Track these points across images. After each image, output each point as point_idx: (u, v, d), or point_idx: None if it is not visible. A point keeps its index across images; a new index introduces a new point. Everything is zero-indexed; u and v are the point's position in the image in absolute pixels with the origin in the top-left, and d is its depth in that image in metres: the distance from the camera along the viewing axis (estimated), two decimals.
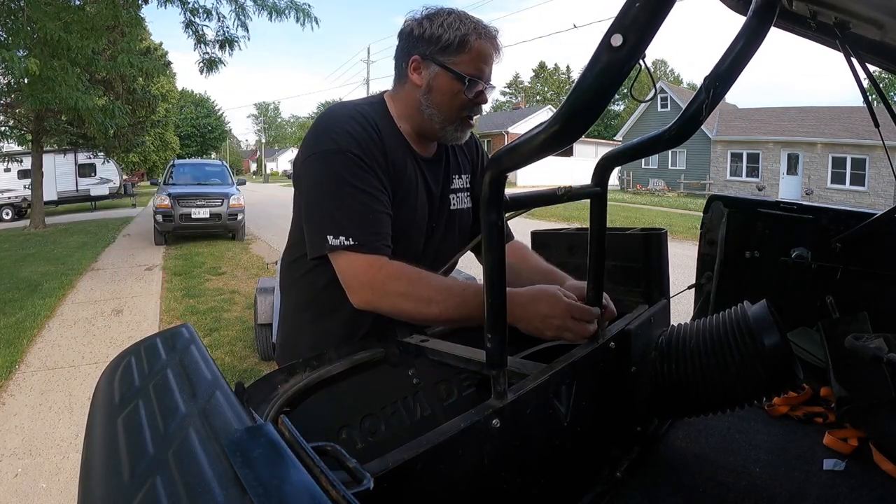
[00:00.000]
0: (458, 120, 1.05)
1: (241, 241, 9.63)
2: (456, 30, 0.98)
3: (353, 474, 0.49)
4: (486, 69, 1.02)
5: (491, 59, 1.03)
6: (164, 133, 29.73)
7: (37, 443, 2.72)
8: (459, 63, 1.00)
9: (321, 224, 0.96)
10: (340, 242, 0.93)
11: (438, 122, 1.04)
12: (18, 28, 5.76)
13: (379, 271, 0.94)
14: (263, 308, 3.52)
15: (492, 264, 0.71)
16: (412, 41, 1.02)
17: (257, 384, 0.86)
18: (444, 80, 1.01)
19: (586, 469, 0.96)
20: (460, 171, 1.19)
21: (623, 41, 0.53)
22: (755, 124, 21.70)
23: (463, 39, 0.98)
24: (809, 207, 1.65)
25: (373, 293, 0.95)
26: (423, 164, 1.11)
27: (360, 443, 0.96)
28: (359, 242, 0.93)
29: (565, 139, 0.61)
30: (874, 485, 1.02)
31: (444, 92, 1.02)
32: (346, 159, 0.96)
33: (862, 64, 1.19)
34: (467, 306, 0.92)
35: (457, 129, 1.07)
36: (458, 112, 1.04)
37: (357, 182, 0.95)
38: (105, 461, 0.50)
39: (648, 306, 1.17)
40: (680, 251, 5.80)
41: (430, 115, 1.04)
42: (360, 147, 0.97)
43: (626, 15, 0.53)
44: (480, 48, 1.00)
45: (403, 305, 0.94)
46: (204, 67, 7.17)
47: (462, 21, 1.00)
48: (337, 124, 0.99)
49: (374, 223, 0.96)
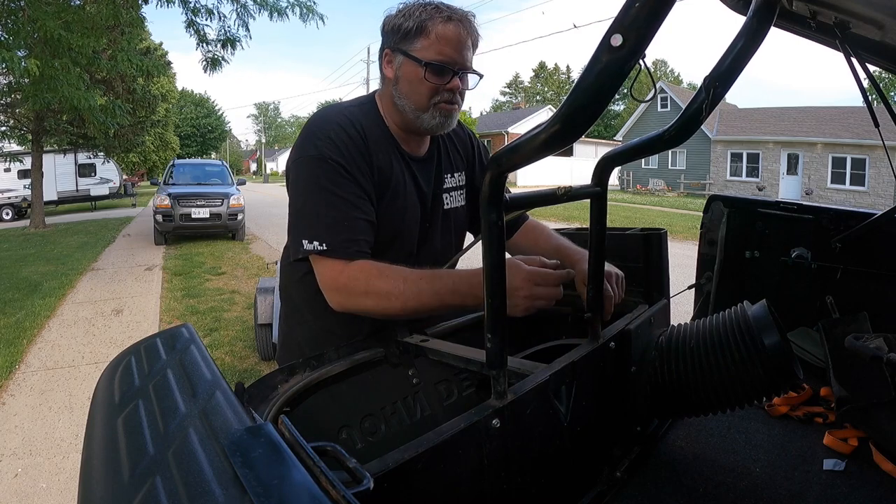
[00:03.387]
0: (431, 106, 1.03)
1: (241, 241, 9.63)
2: (416, 17, 0.98)
3: (353, 474, 0.49)
4: (451, 53, 0.99)
5: (459, 44, 0.99)
6: (164, 133, 29.73)
7: (37, 443, 2.72)
8: (419, 49, 0.99)
9: (298, 228, 0.98)
10: (314, 247, 0.95)
11: (411, 112, 1.04)
12: (19, 28, 5.76)
13: (342, 273, 0.95)
14: (263, 308, 3.52)
15: (492, 264, 0.71)
16: (385, 36, 1.04)
17: (257, 384, 0.86)
18: (407, 67, 1.01)
19: (586, 469, 0.96)
20: (453, 169, 1.19)
21: (623, 41, 0.53)
22: (755, 124, 21.70)
23: (421, 25, 0.98)
24: (809, 207, 1.65)
25: (340, 295, 0.97)
26: (412, 163, 1.10)
27: (360, 443, 0.96)
28: (331, 248, 0.95)
29: (566, 139, 0.61)
30: (874, 485, 1.02)
31: (410, 80, 1.01)
32: (327, 166, 0.97)
33: (862, 64, 1.20)
34: (429, 294, 0.91)
35: (433, 117, 1.04)
36: (428, 98, 1.02)
37: (335, 188, 0.96)
38: (105, 461, 0.50)
39: (648, 306, 1.17)
40: (680, 251, 5.79)
41: (402, 106, 1.04)
42: (342, 154, 0.98)
43: (625, 15, 0.53)
44: (442, 32, 0.98)
45: (366, 303, 0.95)
46: (208, 66, 7.16)
47: (425, 8, 0.99)
48: (322, 130, 1.00)
49: (350, 230, 0.96)
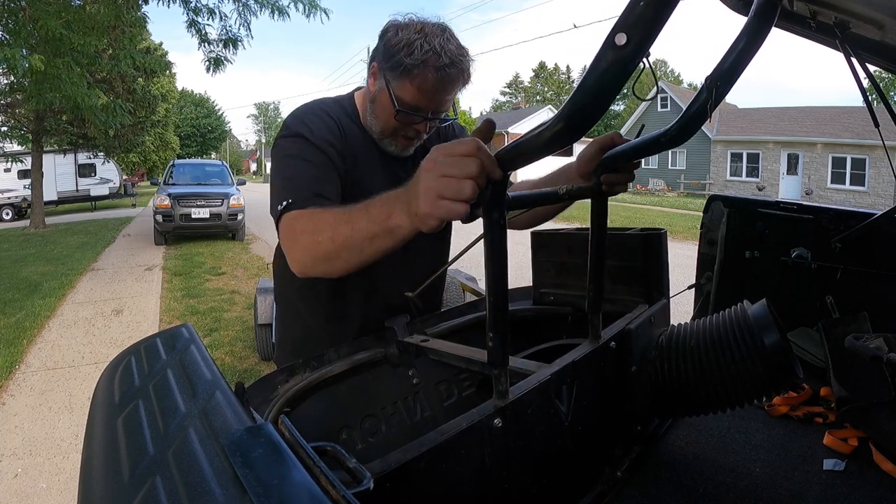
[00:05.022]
0: (393, 135, 1.05)
1: (241, 241, 9.62)
2: (409, 54, 0.93)
3: (353, 474, 0.49)
4: (427, 102, 0.98)
5: (440, 93, 0.97)
6: (164, 133, 29.74)
7: (37, 443, 2.72)
8: (400, 88, 0.97)
9: (272, 198, 0.96)
10: (281, 207, 0.92)
11: (377, 132, 1.06)
12: (20, 28, 5.76)
13: (292, 220, 0.90)
14: (263, 308, 3.52)
15: (493, 264, 0.71)
16: (379, 46, 1.00)
17: (257, 385, 0.86)
18: (384, 97, 0.99)
19: (587, 469, 0.96)
20: None
21: (627, 40, 0.52)
22: (755, 124, 21.70)
23: (410, 68, 0.93)
24: (809, 207, 1.65)
25: (290, 244, 0.90)
26: (389, 159, 1.10)
27: (360, 443, 0.96)
28: (294, 202, 0.92)
29: (570, 137, 0.60)
30: (874, 485, 1.02)
31: (383, 107, 1.02)
32: (294, 140, 1.00)
33: (862, 64, 1.19)
34: (359, 219, 0.79)
35: (391, 144, 1.07)
36: (392, 129, 1.04)
37: (300, 154, 0.98)
38: (105, 461, 0.50)
39: (648, 306, 1.17)
40: (680, 251, 5.80)
41: (370, 123, 1.06)
42: (312, 132, 1.00)
43: (630, 14, 0.52)
44: (425, 82, 0.94)
45: (305, 241, 0.87)
46: (211, 66, 7.15)
47: (423, 46, 0.93)
48: (297, 117, 1.03)
49: (312, 186, 0.95)
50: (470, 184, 0.61)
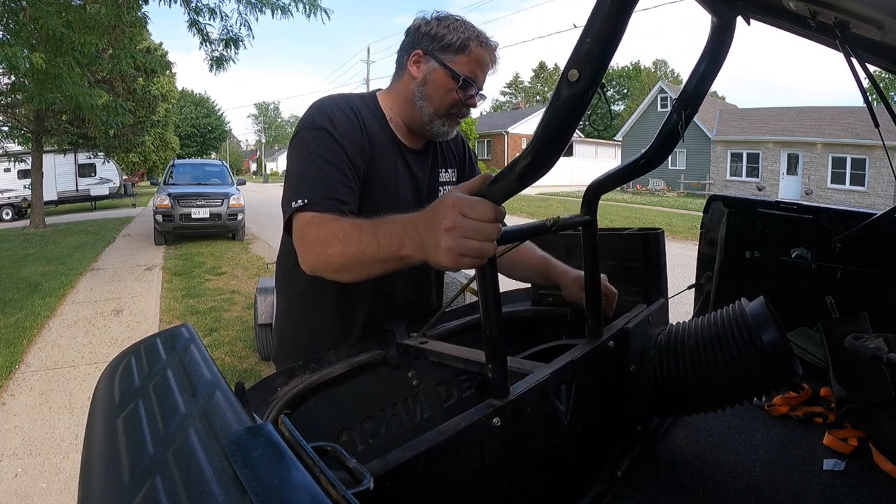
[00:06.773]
0: (447, 115, 1.10)
1: (241, 241, 9.62)
2: (461, 33, 1.06)
3: (353, 474, 0.49)
4: (480, 75, 1.09)
5: (486, 68, 1.10)
6: (164, 133, 29.69)
7: (37, 443, 2.72)
8: (457, 63, 1.06)
9: (287, 193, 0.97)
10: (296, 205, 0.93)
11: (427, 115, 1.10)
12: (20, 27, 5.76)
13: (306, 223, 0.92)
14: (263, 308, 3.51)
15: (487, 297, 0.74)
16: (418, 36, 1.08)
17: (257, 387, 0.86)
18: (440, 75, 1.07)
19: (587, 468, 0.96)
20: (447, 164, 1.23)
21: (579, 76, 0.57)
22: (755, 124, 21.69)
23: (465, 43, 1.06)
24: (809, 207, 1.65)
25: (302, 247, 0.93)
26: (408, 154, 1.14)
27: (360, 445, 0.96)
28: (310, 202, 0.93)
29: (539, 170, 0.65)
30: (874, 485, 1.02)
31: (439, 87, 1.07)
32: (317, 133, 1.00)
33: (862, 64, 1.19)
34: (369, 233, 0.81)
35: (444, 124, 1.12)
36: (448, 108, 1.09)
37: (321, 152, 0.99)
38: (105, 461, 0.50)
39: (647, 305, 1.17)
40: (680, 251, 5.80)
41: (420, 107, 1.09)
42: (334, 125, 1.01)
43: (580, 51, 0.57)
44: (479, 55, 1.07)
45: (316, 251, 0.90)
46: (213, 65, 7.15)
47: (467, 27, 1.07)
48: (319, 108, 1.05)
49: (331, 189, 0.96)
50: (491, 246, 0.68)
